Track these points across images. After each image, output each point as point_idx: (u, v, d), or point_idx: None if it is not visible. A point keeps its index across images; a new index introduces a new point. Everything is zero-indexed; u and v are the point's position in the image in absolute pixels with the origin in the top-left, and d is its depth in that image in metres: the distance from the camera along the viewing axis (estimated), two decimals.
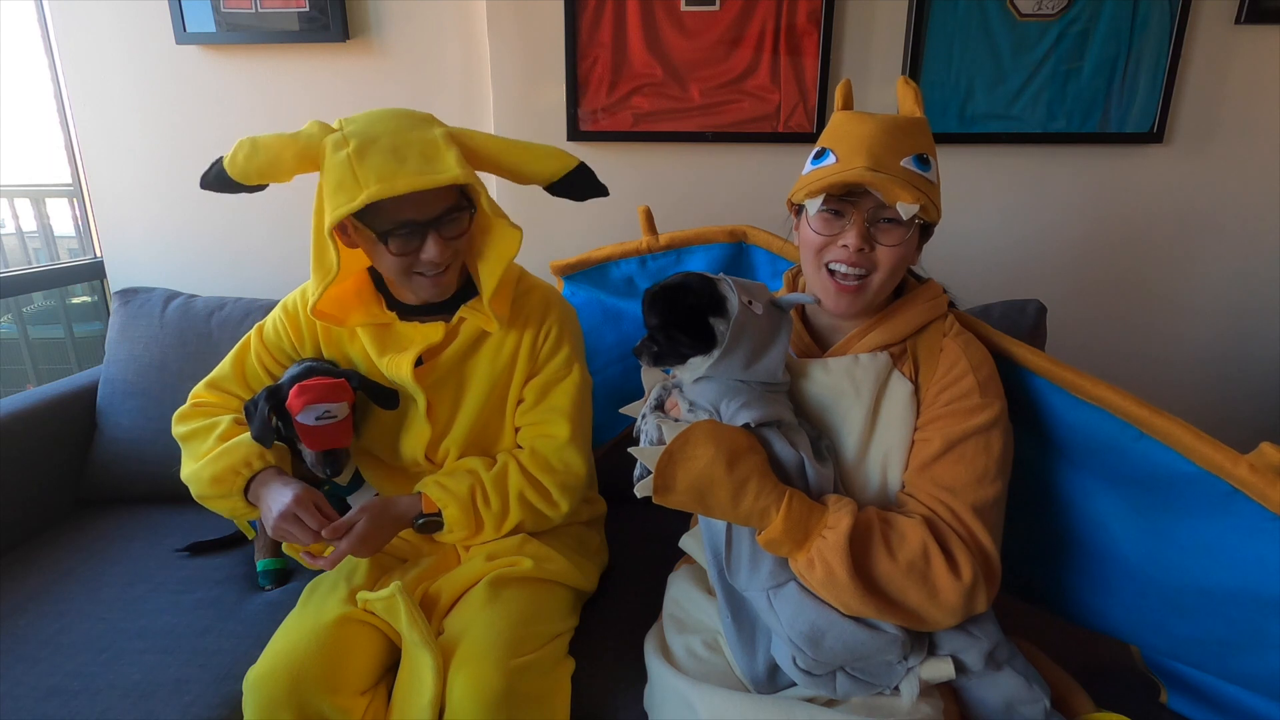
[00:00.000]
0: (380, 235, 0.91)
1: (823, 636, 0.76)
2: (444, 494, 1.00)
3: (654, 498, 0.75)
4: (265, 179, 0.94)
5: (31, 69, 1.73)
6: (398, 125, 0.91)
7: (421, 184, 0.87)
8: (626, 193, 1.12)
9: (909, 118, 0.84)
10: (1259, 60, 1.44)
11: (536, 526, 1.05)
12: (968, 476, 0.77)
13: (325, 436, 0.97)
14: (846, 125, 0.84)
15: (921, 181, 0.80)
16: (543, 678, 0.90)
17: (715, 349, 0.80)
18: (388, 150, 0.88)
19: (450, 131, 0.94)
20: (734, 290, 0.81)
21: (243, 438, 0.98)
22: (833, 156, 0.82)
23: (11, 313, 2.12)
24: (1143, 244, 1.57)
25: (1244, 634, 0.79)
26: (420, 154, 0.89)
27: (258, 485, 0.96)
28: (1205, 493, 0.77)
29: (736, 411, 0.78)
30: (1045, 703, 0.79)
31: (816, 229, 0.84)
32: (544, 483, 1.02)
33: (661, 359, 0.84)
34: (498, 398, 1.07)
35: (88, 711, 0.88)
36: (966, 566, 0.74)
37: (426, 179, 0.87)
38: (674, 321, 0.81)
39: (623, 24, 1.46)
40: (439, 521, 1.00)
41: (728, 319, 0.80)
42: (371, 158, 0.87)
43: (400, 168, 0.87)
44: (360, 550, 0.94)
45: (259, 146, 0.92)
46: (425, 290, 0.98)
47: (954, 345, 0.84)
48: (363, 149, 0.87)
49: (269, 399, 0.97)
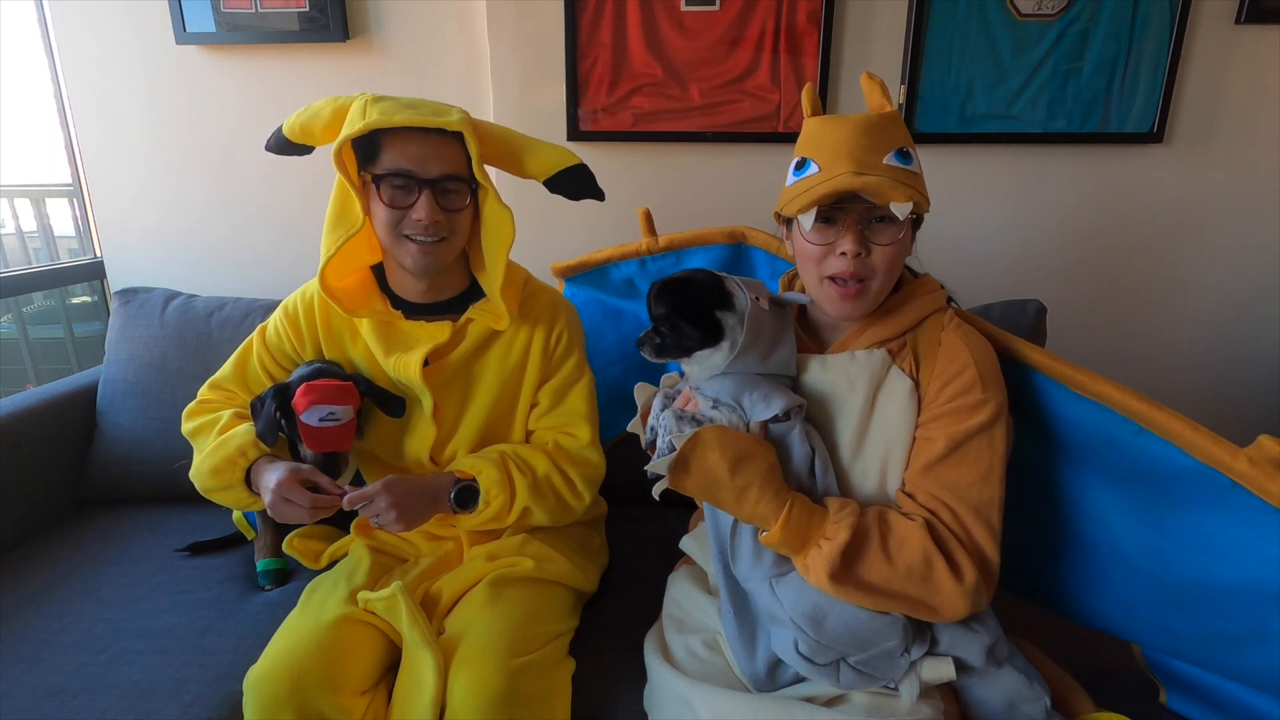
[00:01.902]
0: (375, 179, 0.94)
1: (825, 617, 0.77)
2: (477, 461, 1.01)
3: (669, 483, 0.78)
4: (308, 136, 1.00)
5: (31, 69, 1.73)
6: (419, 98, 0.98)
7: (418, 121, 0.91)
8: (626, 192, 1.12)
9: (881, 114, 0.83)
10: (1259, 60, 1.44)
11: (556, 519, 1.06)
12: (971, 477, 0.78)
13: (327, 438, 0.97)
14: (822, 131, 0.83)
15: (907, 176, 0.80)
16: (543, 678, 0.90)
17: (721, 341, 0.81)
18: (400, 100, 0.95)
19: (467, 115, 0.98)
20: (741, 288, 0.82)
21: (239, 429, 0.99)
22: (814, 165, 0.81)
23: (11, 313, 2.11)
24: (1142, 244, 1.57)
25: (1244, 628, 0.79)
26: (431, 108, 0.95)
27: (255, 474, 0.97)
28: (1205, 487, 0.77)
29: (758, 403, 0.79)
30: (1046, 701, 0.80)
31: (812, 240, 0.83)
32: (569, 473, 1.04)
33: (665, 351, 0.84)
34: (508, 400, 1.07)
35: (88, 711, 0.88)
36: (968, 570, 0.74)
37: (422, 118, 0.91)
38: (680, 312, 0.82)
39: (623, 24, 1.46)
40: (475, 489, 0.99)
41: (734, 313, 0.81)
42: (384, 102, 0.94)
43: (406, 110, 0.92)
44: (396, 523, 0.93)
45: (309, 107, 0.99)
46: (413, 258, 0.97)
47: (954, 338, 0.84)
48: (380, 97, 0.95)
49: (276, 397, 0.98)
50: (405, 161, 0.93)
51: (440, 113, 0.94)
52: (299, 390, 0.95)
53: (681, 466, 0.76)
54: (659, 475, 0.78)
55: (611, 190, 1.06)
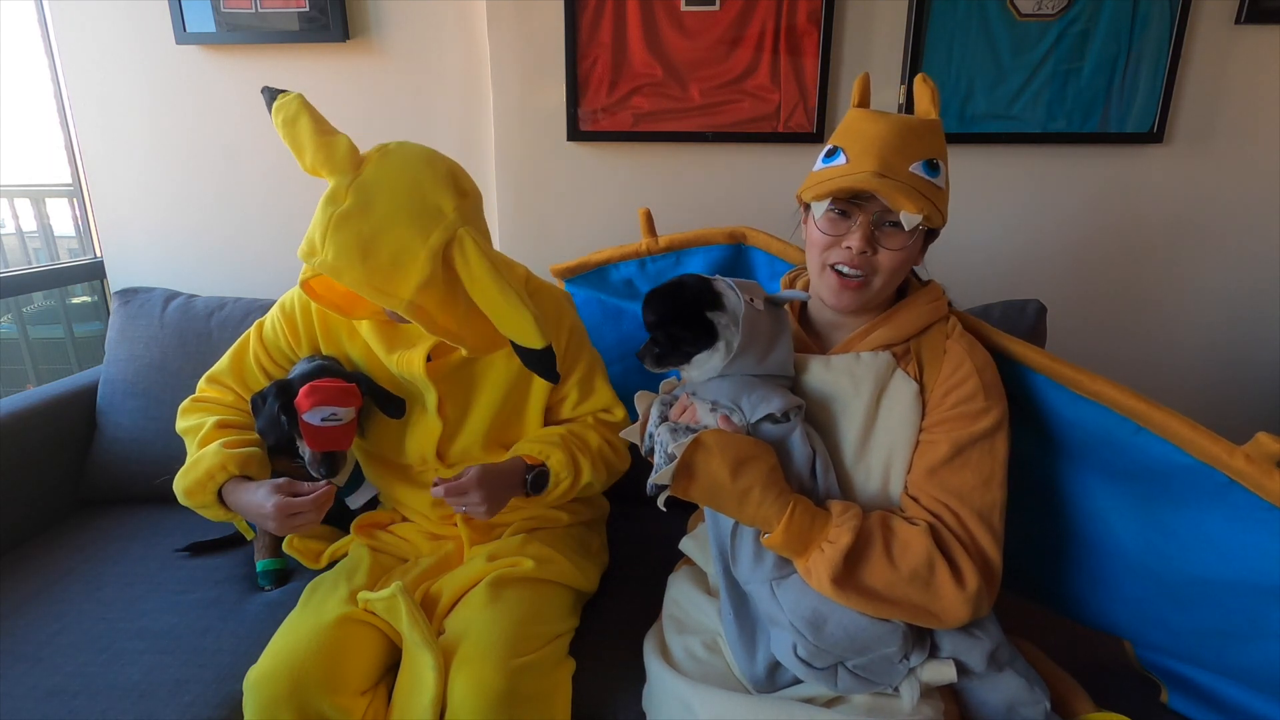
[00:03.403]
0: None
1: (824, 622, 0.77)
2: (542, 447, 1.03)
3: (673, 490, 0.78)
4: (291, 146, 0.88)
5: (31, 69, 1.73)
6: (397, 206, 0.84)
7: (362, 291, 0.84)
8: (626, 193, 1.11)
9: (922, 120, 0.83)
10: (1259, 60, 1.44)
11: (605, 485, 1.12)
12: (974, 481, 0.78)
13: (328, 438, 0.97)
14: (860, 124, 0.83)
15: (928, 188, 0.79)
16: (543, 678, 0.90)
17: (718, 342, 0.81)
18: (363, 236, 0.83)
19: (458, 240, 0.85)
20: (732, 288, 0.82)
21: (207, 451, 0.98)
22: (843, 156, 0.82)
23: (11, 313, 2.11)
24: (1142, 244, 1.56)
25: (1242, 624, 0.80)
26: (391, 258, 0.83)
27: (228, 494, 0.97)
28: (1203, 484, 0.78)
29: (757, 404, 0.79)
30: (1046, 705, 0.80)
31: (823, 229, 0.84)
32: (615, 443, 1.11)
33: (664, 359, 0.84)
34: (518, 398, 1.08)
35: (88, 711, 0.88)
36: (971, 574, 0.74)
37: (370, 289, 0.83)
38: (673, 318, 0.82)
39: (623, 24, 1.46)
40: (546, 473, 1.02)
41: (725, 313, 0.81)
42: (344, 234, 0.83)
43: (358, 264, 0.83)
44: (486, 514, 0.95)
45: (298, 128, 0.85)
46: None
47: (958, 347, 0.85)
48: (345, 219, 0.83)
49: (279, 395, 0.98)
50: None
51: (397, 267, 0.83)
52: (302, 391, 0.95)
53: (686, 472, 0.76)
54: (662, 487, 0.78)
55: (611, 190, 1.06)
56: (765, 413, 0.79)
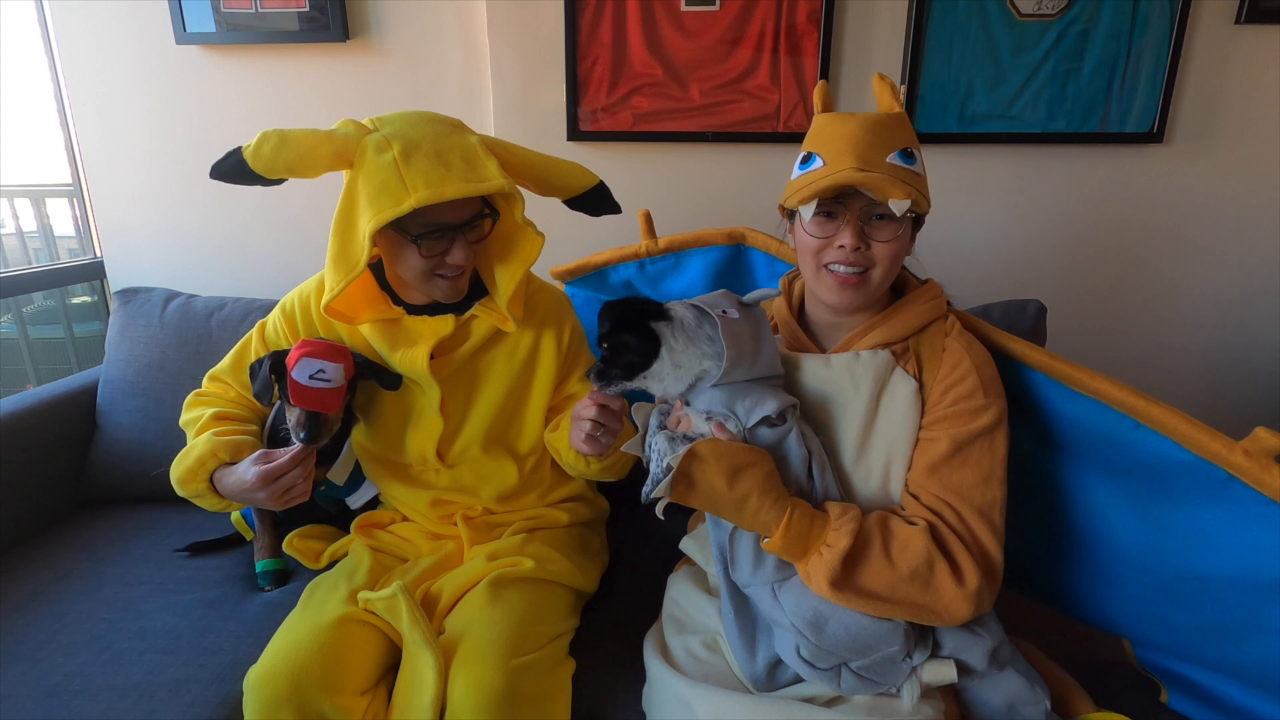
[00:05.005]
0: (414, 238, 0.92)
1: (826, 622, 0.77)
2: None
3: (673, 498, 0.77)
4: (293, 174, 0.89)
5: (31, 69, 1.73)
6: (435, 130, 0.91)
7: (468, 191, 0.88)
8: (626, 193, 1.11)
9: (889, 114, 0.85)
10: (1259, 60, 1.44)
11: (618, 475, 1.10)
12: (974, 478, 0.78)
13: (313, 397, 0.95)
14: (829, 127, 0.85)
15: (909, 175, 0.81)
16: (543, 678, 0.90)
17: (660, 349, 0.81)
18: (432, 156, 0.88)
19: (484, 139, 0.95)
20: (680, 304, 0.83)
21: (199, 440, 0.99)
22: (819, 160, 0.83)
23: (11, 313, 2.12)
24: (1142, 244, 1.57)
25: (1241, 620, 0.80)
26: (463, 160, 0.90)
27: (219, 482, 0.98)
28: (1202, 480, 0.78)
29: (752, 408, 0.79)
30: (1046, 704, 0.80)
31: (811, 232, 0.85)
32: None
33: (607, 374, 0.84)
34: (518, 396, 1.08)
35: (88, 711, 0.88)
36: (971, 572, 0.74)
37: (473, 186, 0.88)
38: (619, 324, 0.82)
39: (623, 24, 1.46)
40: None
41: (669, 322, 0.81)
42: (418, 162, 0.87)
43: (447, 174, 0.88)
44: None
45: (289, 141, 0.87)
46: (441, 292, 1.00)
47: (957, 345, 0.85)
48: (408, 153, 0.88)
49: (272, 358, 0.99)
50: (443, 216, 0.91)
51: (474, 165, 0.90)
52: (294, 347, 0.96)
53: (684, 481, 0.76)
54: (660, 497, 0.77)
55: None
56: (760, 416, 0.79)
